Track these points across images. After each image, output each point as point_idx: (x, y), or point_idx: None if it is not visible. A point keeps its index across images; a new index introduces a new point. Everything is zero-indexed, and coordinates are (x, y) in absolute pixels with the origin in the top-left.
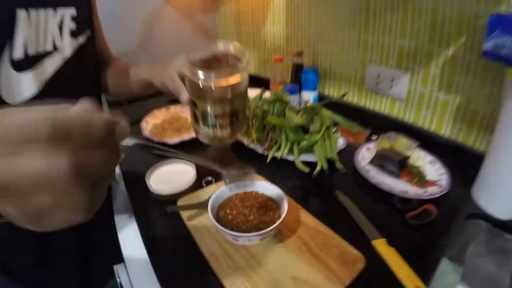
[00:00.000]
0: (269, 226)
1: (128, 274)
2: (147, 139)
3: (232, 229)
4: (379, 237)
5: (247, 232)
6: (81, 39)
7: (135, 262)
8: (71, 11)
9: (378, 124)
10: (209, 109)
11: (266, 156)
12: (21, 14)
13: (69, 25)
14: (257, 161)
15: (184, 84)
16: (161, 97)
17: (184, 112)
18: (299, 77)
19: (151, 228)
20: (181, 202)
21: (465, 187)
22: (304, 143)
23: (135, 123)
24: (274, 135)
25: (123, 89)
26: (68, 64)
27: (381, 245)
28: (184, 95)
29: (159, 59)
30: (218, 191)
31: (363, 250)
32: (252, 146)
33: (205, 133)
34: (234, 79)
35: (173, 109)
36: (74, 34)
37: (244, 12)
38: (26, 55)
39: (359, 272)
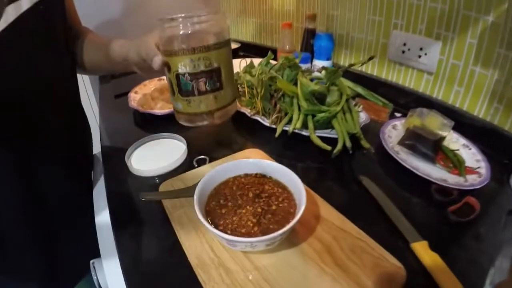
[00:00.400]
0: (279, 226)
1: (104, 272)
2: (136, 111)
3: (227, 230)
4: (419, 238)
5: (248, 234)
6: (23, 3)
7: (111, 257)
8: None
9: (401, 101)
10: (182, 67)
11: (273, 130)
12: None
13: None
14: (262, 135)
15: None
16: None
17: None
18: (311, 45)
19: (125, 219)
20: (164, 186)
21: (503, 177)
22: (321, 116)
23: (125, 94)
24: (284, 105)
25: (100, 65)
26: (12, 30)
27: (422, 250)
28: (158, 58)
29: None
30: (209, 174)
31: (400, 257)
32: (257, 117)
33: (185, 107)
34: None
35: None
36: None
37: None
38: None
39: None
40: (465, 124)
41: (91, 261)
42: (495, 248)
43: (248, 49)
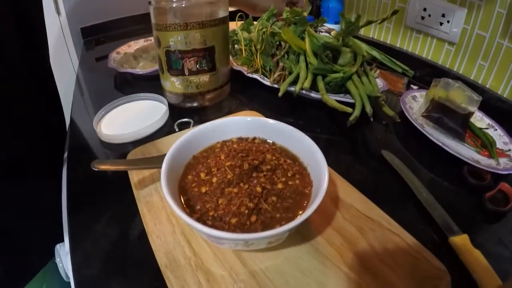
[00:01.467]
0: (285, 211)
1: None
2: (117, 73)
3: (208, 218)
4: (458, 231)
5: (241, 225)
6: None
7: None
8: None
9: (418, 72)
10: (173, 43)
11: (275, 91)
12: None
13: None
14: (262, 97)
15: None
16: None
17: None
18: (317, 6)
19: (82, 198)
20: (133, 154)
21: None
22: (333, 76)
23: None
24: (288, 62)
25: None
26: None
27: (464, 245)
28: None
29: None
30: (188, 135)
31: (437, 253)
32: (255, 76)
33: (173, 87)
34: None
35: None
36: None
37: None
38: None
39: None
40: (488, 103)
41: (57, 245)
42: None
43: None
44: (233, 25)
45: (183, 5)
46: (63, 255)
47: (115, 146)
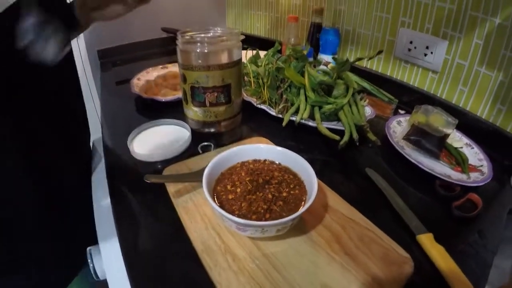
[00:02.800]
0: (289, 212)
1: (102, 259)
2: (138, 97)
3: (236, 214)
4: (425, 231)
5: (257, 219)
6: None
7: (110, 244)
8: None
9: (405, 98)
10: (197, 80)
11: (279, 121)
12: None
13: None
14: (268, 125)
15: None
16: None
17: None
18: (317, 39)
19: (127, 205)
20: (168, 171)
21: (504, 177)
22: (327, 107)
23: (127, 81)
24: (290, 95)
25: None
26: None
27: (428, 242)
28: None
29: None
30: (218, 158)
31: (406, 248)
32: (263, 107)
33: (195, 115)
34: (226, 46)
35: (171, 67)
36: None
37: None
38: None
39: (407, 276)
40: (468, 124)
41: (88, 248)
42: (497, 245)
43: (252, 42)
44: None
45: (206, 51)
46: (96, 256)
47: (145, 164)
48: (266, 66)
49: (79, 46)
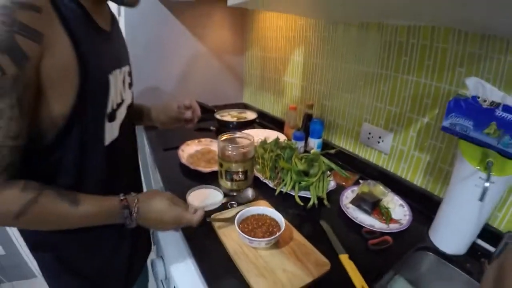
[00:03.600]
0: (271, 236)
1: (164, 264)
2: (184, 166)
3: (249, 236)
4: (344, 253)
5: (258, 238)
6: (132, 88)
7: (174, 255)
8: (128, 68)
9: (367, 171)
10: (229, 168)
11: (275, 190)
12: (111, 77)
13: (127, 79)
14: (268, 192)
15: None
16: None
17: (213, 145)
18: (308, 126)
19: (192, 233)
20: (213, 216)
21: (425, 226)
22: (303, 183)
23: (173, 148)
24: (282, 174)
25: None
26: (129, 110)
27: (344, 258)
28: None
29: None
30: (241, 212)
31: (331, 260)
32: (265, 181)
33: (226, 185)
34: (246, 150)
35: (204, 141)
36: (130, 85)
37: (268, 59)
38: (112, 109)
39: (325, 272)
40: (407, 189)
41: (150, 259)
42: (396, 265)
43: (263, 118)
44: (256, 135)
45: (235, 153)
46: (159, 265)
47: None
48: (270, 153)
49: None
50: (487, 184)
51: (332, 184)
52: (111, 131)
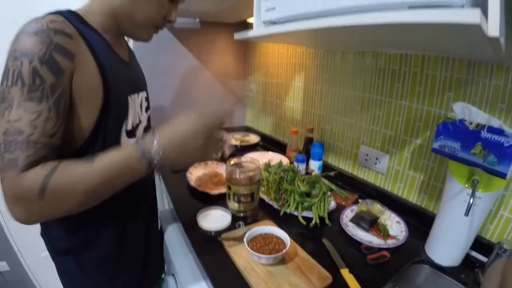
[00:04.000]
0: (277, 253)
1: (176, 282)
2: (192, 188)
3: (257, 253)
4: (344, 267)
5: (266, 255)
6: (149, 112)
7: (186, 272)
8: (144, 94)
9: (365, 190)
10: (237, 191)
11: (280, 211)
12: (129, 99)
13: (144, 103)
14: (273, 213)
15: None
16: None
17: (219, 168)
18: (309, 149)
19: (203, 251)
20: (223, 235)
21: (421, 241)
22: (306, 204)
23: (181, 171)
24: (286, 196)
25: None
26: (145, 131)
27: (345, 272)
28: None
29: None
30: (250, 231)
31: (333, 274)
32: (270, 202)
33: (234, 207)
34: (253, 174)
35: (210, 164)
36: (146, 109)
37: (270, 84)
38: (132, 127)
39: (328, 285)
40: (403, 206)
41: (163, 276)
42: (394, 278)
43: (266, 140)
44: (260, 158)
45: (242, 177)
46: (171, 283)
47: (205, 231)
48: (274, 175)
49: None
50: (471, 200)
51: (332, 204)
52: None
